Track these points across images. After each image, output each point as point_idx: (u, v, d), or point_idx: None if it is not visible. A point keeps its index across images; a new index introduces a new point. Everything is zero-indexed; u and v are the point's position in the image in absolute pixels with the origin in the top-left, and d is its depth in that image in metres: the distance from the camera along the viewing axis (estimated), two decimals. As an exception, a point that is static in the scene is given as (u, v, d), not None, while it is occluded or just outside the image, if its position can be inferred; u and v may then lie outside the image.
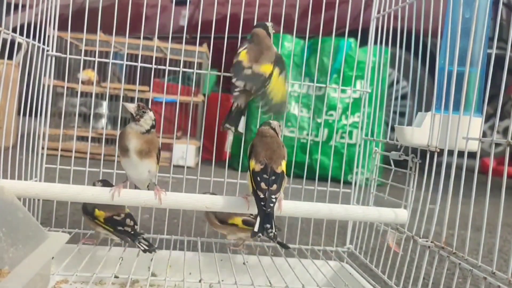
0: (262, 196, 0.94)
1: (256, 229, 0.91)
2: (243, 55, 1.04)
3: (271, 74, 1.02)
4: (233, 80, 1.01)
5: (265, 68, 1.03)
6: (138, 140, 0.99)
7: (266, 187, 0.95)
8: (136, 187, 1.10)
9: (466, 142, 0.85)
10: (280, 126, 1.08)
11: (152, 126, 1.00)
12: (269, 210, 0.92)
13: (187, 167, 1.20)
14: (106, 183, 1.09)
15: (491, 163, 0.77)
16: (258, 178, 0.96)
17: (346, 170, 1.28)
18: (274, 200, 0.94)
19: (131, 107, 0.98)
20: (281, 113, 1.10)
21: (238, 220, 1.14)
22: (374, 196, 1.26)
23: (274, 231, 0.91)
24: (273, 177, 0.97)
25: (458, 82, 0.90)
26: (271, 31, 1.09)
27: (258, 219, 0.92)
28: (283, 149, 1.03)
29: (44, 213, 1.26)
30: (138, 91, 3.09)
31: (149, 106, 1.02)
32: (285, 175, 0.99)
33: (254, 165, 0.99)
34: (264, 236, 0.92)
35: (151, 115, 1.00)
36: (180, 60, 1.24)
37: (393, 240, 1.11)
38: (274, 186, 0.95)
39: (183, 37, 1.24)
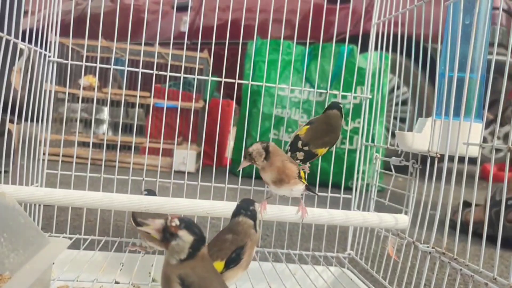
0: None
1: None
2: (304, 131, 1.08)
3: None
4: (288, 153, 1.07)
5: (321, 151, 1.08)
6: (272, 173, 0.97)
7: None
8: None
9: (467, 147, 0.85)
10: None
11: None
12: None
13: (188, 173, 1.20)
14: (151, 192, 1.09)
15: (492, 168, 0.77)
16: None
17: (346, 175, 1.27)
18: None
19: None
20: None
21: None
22: (375, 202, 1.26)
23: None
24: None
25: (459, 88, 0.90)
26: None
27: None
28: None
29: (45, 218, 1.26)
30: (139, 96, 3.10)
31: (150, 112, 1.02)
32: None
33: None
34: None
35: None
36: (181, 66, 1.25)
37: (394, 246, 1.10)
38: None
39: (184, 43, 1.24)
